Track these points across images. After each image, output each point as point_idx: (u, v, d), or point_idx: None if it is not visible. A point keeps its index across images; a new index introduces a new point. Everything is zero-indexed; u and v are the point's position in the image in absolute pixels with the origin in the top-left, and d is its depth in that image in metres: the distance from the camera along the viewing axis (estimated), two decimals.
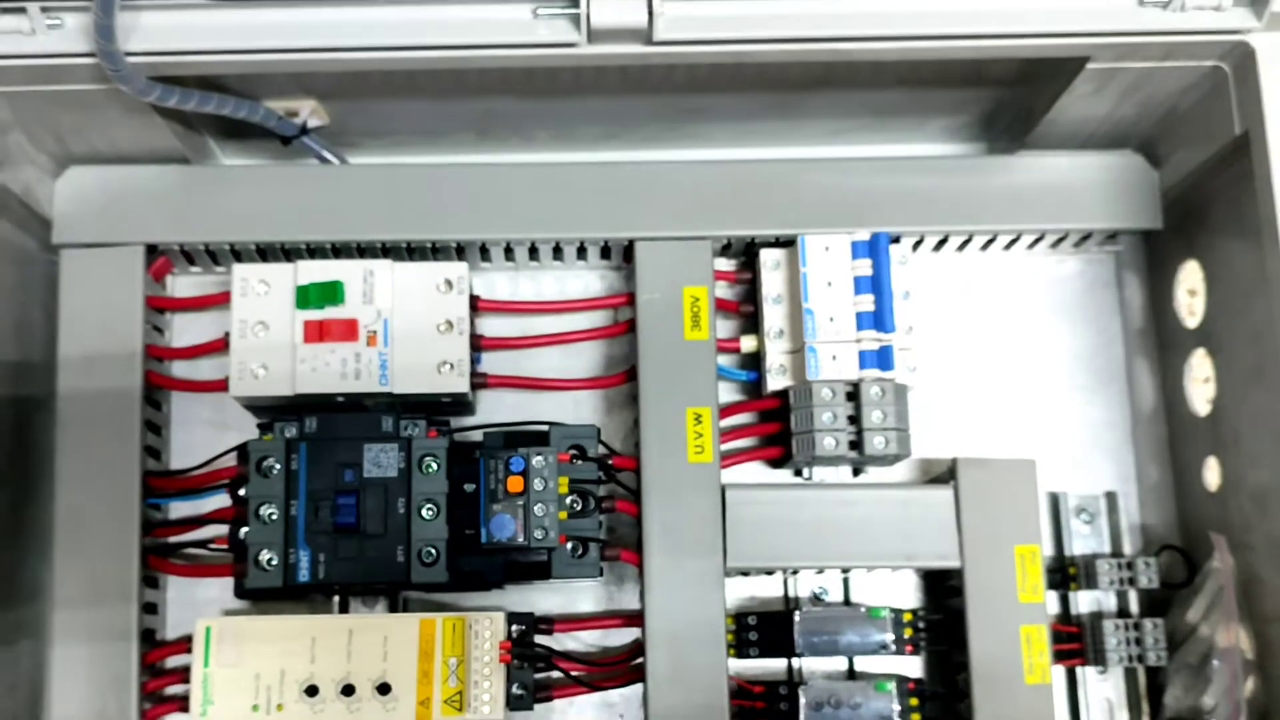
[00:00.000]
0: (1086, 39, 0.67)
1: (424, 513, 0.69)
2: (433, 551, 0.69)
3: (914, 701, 0.73)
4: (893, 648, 0.73)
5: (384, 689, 0.67)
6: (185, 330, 0.78)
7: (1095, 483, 0.80)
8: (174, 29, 0.65)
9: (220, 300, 0.75)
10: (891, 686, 0.72)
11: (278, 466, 0.69)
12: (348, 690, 0.67)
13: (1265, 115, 0.66)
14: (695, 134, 0.81)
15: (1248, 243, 0.68)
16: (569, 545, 0.71)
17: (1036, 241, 0.80)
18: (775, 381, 0.76)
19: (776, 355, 0.76)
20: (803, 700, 0.72)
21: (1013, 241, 0.80)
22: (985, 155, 0.83)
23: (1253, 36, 0.66)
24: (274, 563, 0.68)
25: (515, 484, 0.68)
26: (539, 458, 0.69)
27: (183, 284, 0.79)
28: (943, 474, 0.76)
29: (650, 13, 0.64)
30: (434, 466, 0.70)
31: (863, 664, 0.76)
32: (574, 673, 0.71)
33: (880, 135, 0.82)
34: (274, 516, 0.69)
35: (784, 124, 0.80)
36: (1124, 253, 0.82)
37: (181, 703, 0.71)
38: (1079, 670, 0.77)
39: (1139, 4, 0.66)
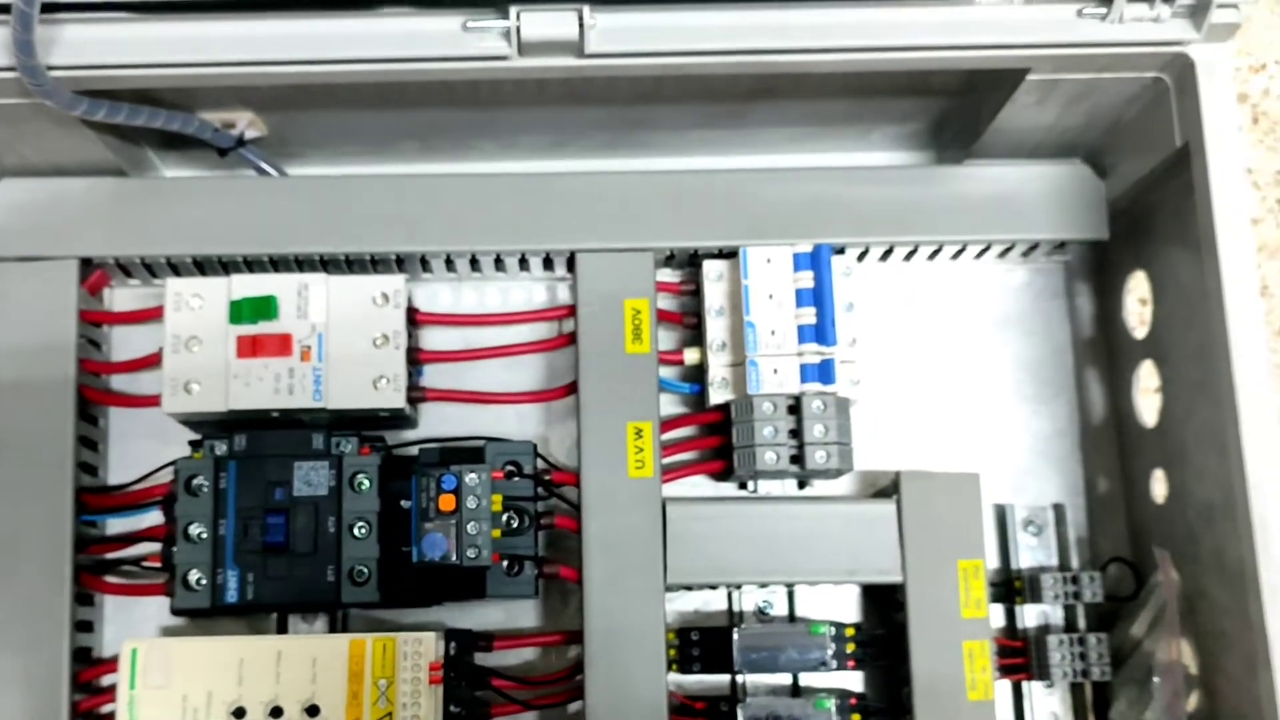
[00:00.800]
0: (1025, 50, 0.66)
1: (356, 531, 0.68)
2: (364, 571, 0.68)
3: (855, 717, 0.72)
4: (833, 664, 0.73)
5: (313, 710, 0.66)
6: (125, 344, 0.77)
7: (1043, 495, 0.80)
8: (99, 42, 0.64)
9: (158, 314, 0.74)
10: (831, 704, 0.72)
11: (207, 485, 0.68)
12: (276, 712, 0.66)
13: (1204, 128, 0.66)
14: (642, 143, 0.80)
15: (1191, 255, 0.68)
16: (503, 563, 0.70)
17: (983, 251, 0.80)
18: (717, 395, 0.75)
19: (719, 368, 0.75)
20: (741, 717, 0.71)
21: (959, 251, 0.79)
22: (933, 164, 0.83)
23: (1192, 48, 0.66)
24: (202, 582, 0.67)
25: (447, 502, 0.67)
26: (472, 475, 0.68)
27: (121, 296, 0.78)
28: (886, 487, 0.75)
29: (581, 26, 0.64)
30: (366, 484, 0.69)
31: (809, 679, 0.75)
32: (511, 692, 0.71)
33: (829, 143, 0.82)
34: (203, 535, 0.68)
35: (731, 133, 0.80)
36: (1073, 262, 0.82)
37: None
38: (1025, 684, 0.76)
39: (1077, 15, 0.66)
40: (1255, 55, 0.91)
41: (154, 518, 0.72)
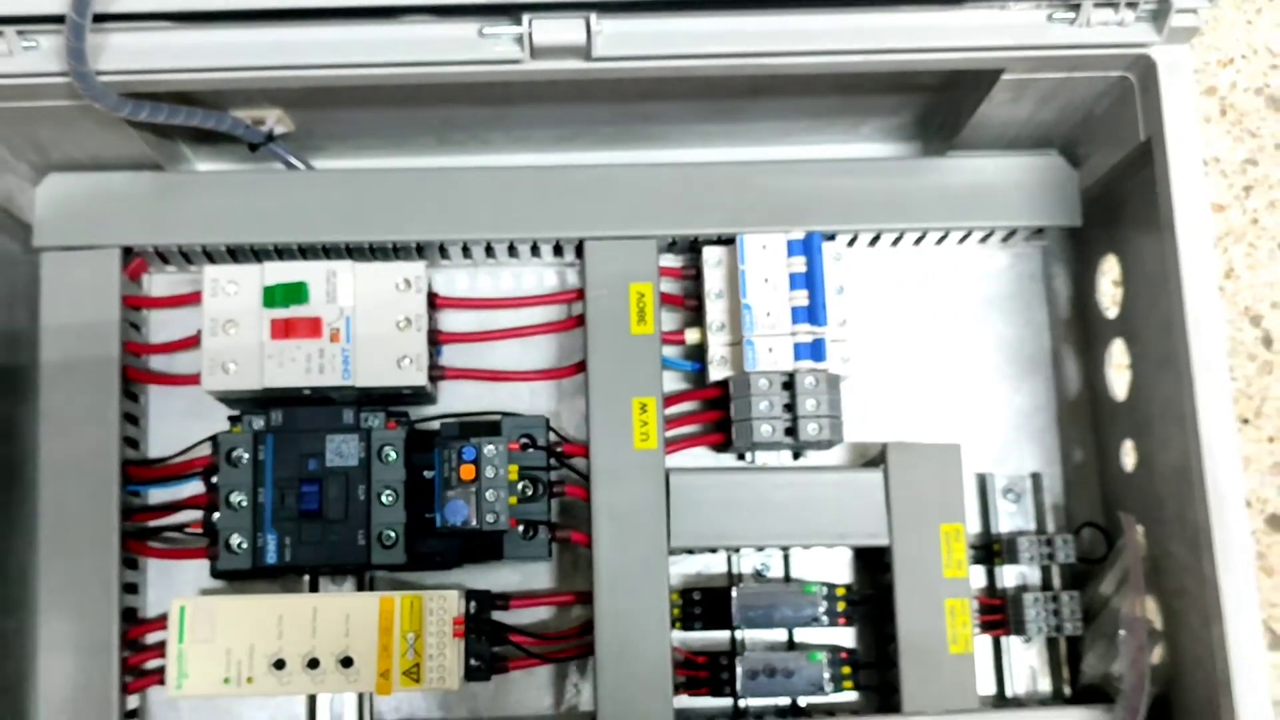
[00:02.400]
0: (999, 52, 0.70)
1: (383, 499, 0.73)
2: (391, 535, 0.72)
3: (846, 670, 0.77)
4: (825, 621, 0.77)
5: (346, 662, 0.70)
6: (162, 327, 0.81)
7: (1022, 464, 0.84)
8: (143, 49, 0.67)
9: (195, 299, 0.78)
10: (823, 656, 0.76)
11: (246, 456, 0.72)
12: (313, 664, 0.70)
13: (1165, 123, 0.70)
14: (646, 136, 0.84)
15: (1156, 240, 0.71)
16: (519, 528, 0.75)
17: (966, 237, 0.84)
18: (716, 372, 0.79)
19: (718, 347, 0.79)
20: (739, 669, 0.76)
21: (943, 237, 0.83)
22: (919, 155, 0.86)
23: (1153, 50, 0.70)
24: (243, 546, 0.72)
25: (468, 471, 0.72)
26: (490, 447, 0.72)
27: (159, 282, 0.82)
28: (874, 458, 0.80)
29: (589, 32, 0.67)
30: (392, 456, 0.73)
31: (802, 635, 0.80)
32: (526, 647, 0.76)
33: (821, 136, 0.86)
34: (243, 503, 0.72)
35: (730, 127, 0.84)
36: (1050, 247, 0.86)
37: (161, 675, 0.74)
38: (1004, 639, 0.80)
39: (1048, 20, 0.70)
40: (1223, 51, 0.94)
41: (192, 488, 0.76)
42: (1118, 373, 0.81)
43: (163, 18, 0.67)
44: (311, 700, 0.76)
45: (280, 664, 0.70)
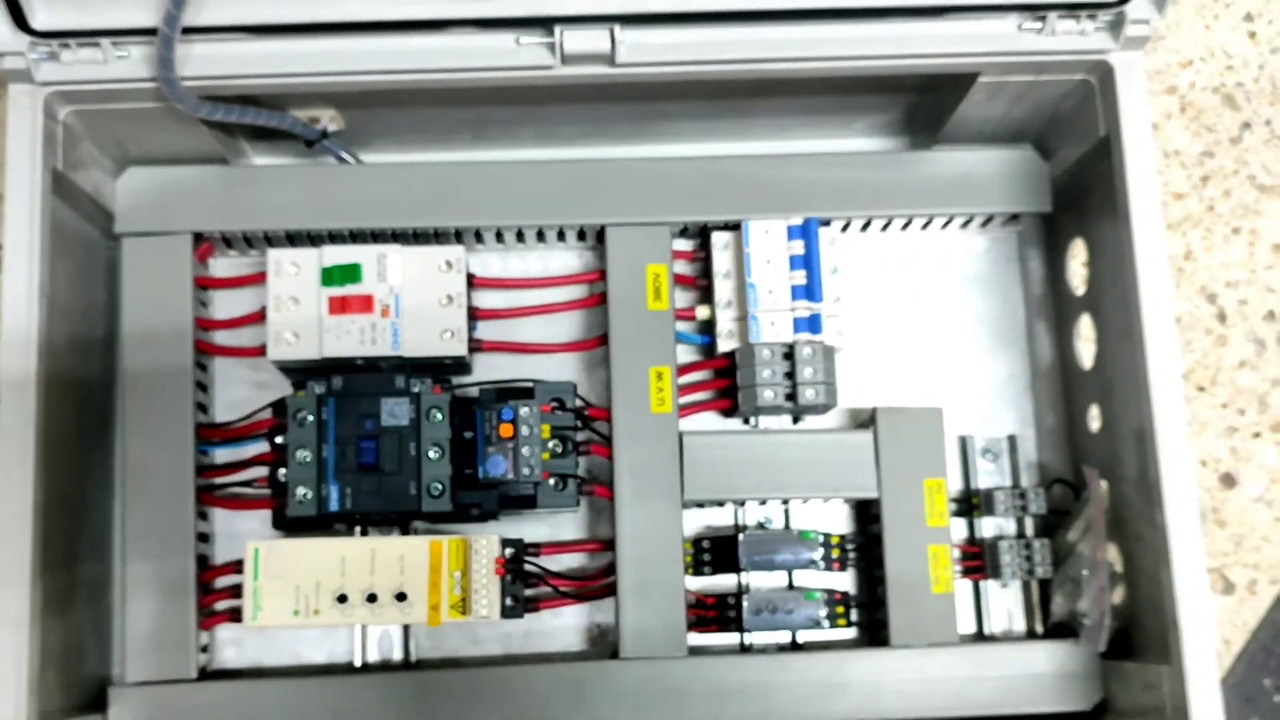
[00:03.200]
0: (975, 58, 0.77)
1: (430, 454, 0.79)
2: (439, 486, 0.79)
3: (840, 609, 0.83)
4: (821, 565, 0.83)
5: (401, 596, 0.78)
6: (224, 305, 0.87)
7: (999, 427, 0.89)
8: (219, 57, 0.75)
9: (254, 280, 0.85)
10: (820, 596, 0.83)
11: (310, 417, 0.79)
12: (371, 598, 0.77)
13: (1121, 121, 0.77)
14: (660, 133, 0.89)
15: (1115, 225, 0.78)
16: (551, 481, 0.81)
17: (948, 223, 0.90)
18: (724, 344, 0.85)
19: (725, 322, 0.85)
20: (745, 606, 0.82)
21: (927, 223, 0.90)
22: (906, 149, 0.92)
23: (1111, 56, 0.77)
24: (309, 496, 0.79)
25: (506, 430, 0.79)
26: (525, 409, 0.80)
27: (220, 265, 0.88)
28: (865, 420, 0.85)
29: (613, 41, 0.75)
30: (439, 416, 0.80)
31: (801, 578, 0.86)
32: (561, 588, 0.83)
33: (817, 131, 0.92)
34: (308, 459, 0.79)
35: (735, 123, 0.90)
36: (1024, 231, 0.91)
37: (230, 614, 0.82)
38: (983, 583, 0.87)
39: (1018, 29, 0.77)
40: (1183, 53, 1.00)
41: (256, 448, 0.83)
42: (1085, 344, 0.86)
43: (236, 30, 0.75)
44: (362, 635, 0.84)
45: (343, 598, 0.78)
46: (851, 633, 0.87)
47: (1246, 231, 0.99)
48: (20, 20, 0.73)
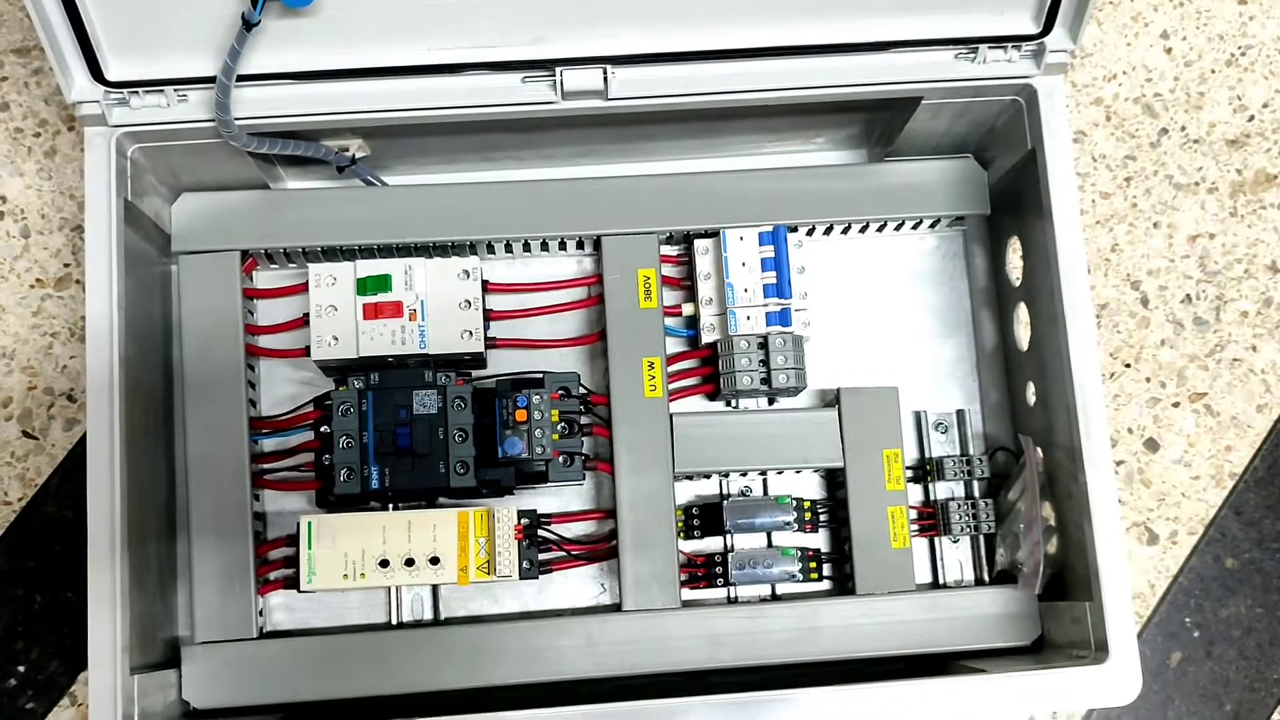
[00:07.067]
0: (918, 85, 0.87)
1: (456, 438, 0.89)
2: (465, 465, 0.89)
3: (813, 565, 0.93)
4: (795, 526, 0.92)
5: (435, 560, 0.88)
6: (268, 312, 0.96)
7: (949, 403, 0.98)
8: (264, 99, 0.85)
9: (294, 290, 0.95)
10: (795, 553, 0.92)
11: (352, 409, 0.89)
12: (409, 562, 0.88)
13: (1045, 136, 0.87)
14: (647, 153, 0.99)
15: (1042, 224, 0.87)
16: (560, 459, 0.91)
17: (900, 226, 0.99)
18: (707, 336, 0.94)
19: (707, 317, 0.94)
20: (731, 563, 0.92)
21: (882, 226, 0.99)
22: (863, 162, 1.01)
23: (1035, 80, 0.87)
24: (352, 477, 0.88)
25: (521, 415, 0.89)
26: (537, 396, 0.89)
27: (262, 277, 0.98)
28: (831, 400, 0.94)
29: (606, 79, 0.84)
30: (463, 405, 0.89)
31: (779, 539, 0.94)
32: (573, 551, 0.93)
33: (784, 147, 1.01)
34: (350, 444, 0.88)
35: (712, 143, 0.99)
36: (968, 231, 1.01)
37: (283, 582, 0.91)
38: (937, 540, 0.96)
39: (954, 59, 0.87)
40: (1108, 68, 1.09)
41: (301, 437, 0.93)
42: (1023, 329, 0.94)
43: (278, 77, 0.85)
44: (397, 598, 0.94)
45: (385, 563, 0.88)
46: (824, 585, 0.95)
47: (1165, 225, 1.07)
48: (97, 73, 0.83)
